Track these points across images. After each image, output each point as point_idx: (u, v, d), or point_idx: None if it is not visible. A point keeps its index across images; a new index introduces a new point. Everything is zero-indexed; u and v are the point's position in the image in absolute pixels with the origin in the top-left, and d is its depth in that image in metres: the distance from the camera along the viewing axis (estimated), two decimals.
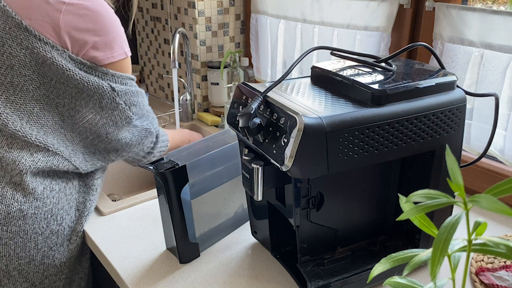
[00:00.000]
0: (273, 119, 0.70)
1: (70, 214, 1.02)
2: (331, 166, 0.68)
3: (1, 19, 0.90)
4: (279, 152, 0.67)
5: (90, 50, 0.94)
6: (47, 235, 0.97)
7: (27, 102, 0.93)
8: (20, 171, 0.93)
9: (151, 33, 1.96)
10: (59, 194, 1.00)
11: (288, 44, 1.53)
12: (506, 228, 1.02)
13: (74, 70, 0.92)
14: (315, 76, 0.83)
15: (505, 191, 0.40)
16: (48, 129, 0.96)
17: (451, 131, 0.76)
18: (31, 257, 0.96)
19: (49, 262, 0.99)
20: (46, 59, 0.91)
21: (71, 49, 0.93)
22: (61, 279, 1.02)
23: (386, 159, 0.72)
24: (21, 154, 0.94)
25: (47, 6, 0.91)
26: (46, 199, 0.97)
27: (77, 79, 0.93)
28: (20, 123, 0.93)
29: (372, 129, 0.68)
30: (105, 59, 0.96)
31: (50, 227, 0.98)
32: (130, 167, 1.55)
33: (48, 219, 0.97)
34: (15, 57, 0.91)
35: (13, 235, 0.93)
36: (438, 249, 0.40)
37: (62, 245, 1.01)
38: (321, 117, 0.66)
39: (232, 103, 0.82)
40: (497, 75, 1.01)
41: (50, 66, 0.91)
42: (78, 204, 1.04)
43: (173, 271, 0.90)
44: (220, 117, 1.66)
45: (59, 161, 0.98)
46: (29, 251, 0.96)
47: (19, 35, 0.90)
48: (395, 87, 0.71)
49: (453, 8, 1.05)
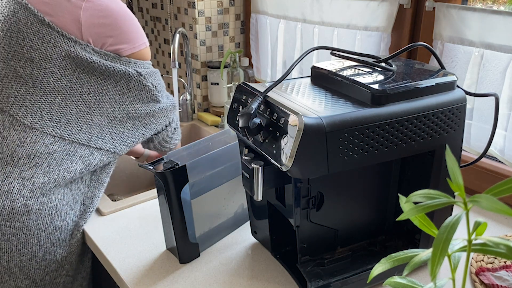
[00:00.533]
0: (273, 119, 0.70)
1: (75, 209, 1.03)
2: (331, 166, 0.68)
3: (23, 15, 0.94)
4: (279, 152, 0.67)
5: (113, 43, 0.99)
6: (51, 231, 0.98)
7: (47, 94, 0.95)
8: (35, 164, 0.94)
9: (151, 33, 1.96)
10: (65, 190, 1.00)
11: (288, 44, 1.53)
12: (506, 228, 1.02)
13: (99, 61, 0.97)
14: (315, 76, 0.83)
15: (505, 191, 0.40)
16: (72, 117, 0.98)
17: (451, 131, 0.76)
18: (33, 253, 0.96)
19: (51, 258, 0.99)
20: (70, 52, 0.95)
21: (93, 43, 0.97)
22: (61, 275, 1.02)
23: (386, 159, 0.72)
24: (35, 148, 0.95)
25: (68, 4, 0.96)
26: (52, 194, 0.97)
27: (102, 68, 0.98)
28: (40, 114, 0.95)
29: (372, 129, 0.68)
30: (128, 50, 1.01)
31: (54, 223, 0.98)
32: (130, 167, 1.55)
33: (52, 215, 0.97)
34: (35, 50, 0.94)
35: (16, 231, 0.94)
36: (438, 249, 0.40)
37: (65, 240, 1.01)
38: (321, 117, 0.66)
39: (232, 103, 0.82)
40: (497, 75, 1.01)
41: (74, 59, 0.95)
42: (85, 199, 1.05)
43: (173, 271, 0.90)
44: (220, 117, 1.66)
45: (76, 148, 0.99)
46: (31, 247, 0.96)
47: (41, 30, 0.94)
48: (395, 87, 0.71)
49: (453, 8, 1.05)
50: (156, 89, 1.08)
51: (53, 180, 0.97)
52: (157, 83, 1.10)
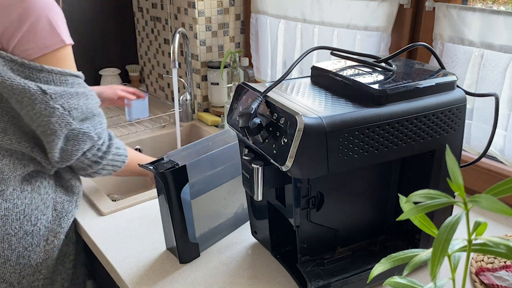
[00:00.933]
0: (273, 119, 0.70)
1: (47, 214, 1.00)
2: (331, 166, 0.68)
3: None
4: (279, 152, 0.67)
5: (20, 41, 0.81)
6: (21, 236, 0.95)
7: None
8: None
9: (151, 33, 1.96)
10: (32, 194, 0.97)
11: (288, 44, 1.53)
12: (506, 228, 1.02)
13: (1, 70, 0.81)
14: (315, 76, 0.83)
15: (505, 191, 0.40)
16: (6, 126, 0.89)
17: (451, 131, 0.76)
18: (5, 257, 0.94)
19: (25, 262, 0.97)
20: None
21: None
22: (39, 279, 1.00)
23: (386, 159, 0.72)
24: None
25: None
26: (16, 200, 0.95)
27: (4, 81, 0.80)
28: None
29: (372, 129, 0.68)
30: (37, 50, 0.83)
31: (24, 228, 0.96)
32: None
33: (21, 220, 0.95)
34: None
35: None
36: (438, 249, 0.40)
37: (38, 245, 0.98)
38: (321, 117, 0.66)
39: (232, 103, 0.82)
40: (497, 75, 1.01)
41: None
42: (55, 204, 1.02)
43: (173, 271, 0.90)
44: (220, 117, 1.66)
45: (23, 157, 0.93)
46: (3, 251, 0.94)
47: None
48: (395, 87, 0.71)
49: (453, 8, 1.05)
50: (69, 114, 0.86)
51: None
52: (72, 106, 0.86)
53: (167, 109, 1.79)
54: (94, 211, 1.12)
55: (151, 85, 2.09)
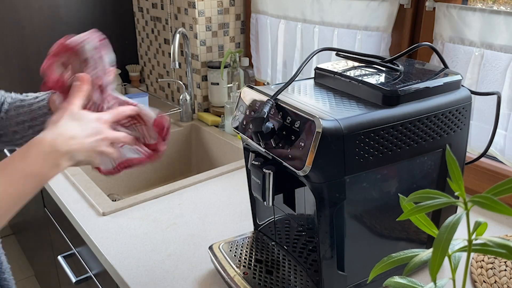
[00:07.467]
0: (287, 123, 0.68)
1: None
2: (348, 169, 0.67)
3: None
4: (296, 157, 0.65)
5: None
6: None
7: None
8: None
9: (151, 33, 1.96)
10: None
11: (288, 44, 1.53)
12: (506, 228, 1.02)
13: None
14: (319, 77, 0.83)
15: (505, 191, 0.40)
16: None
17: (458, 130, 0.76)
18: None
19: None
20: None
21: None
22: None
23: (398, 160, 0.72)
24: None
25: None
26: None
27: None
28: None
29: (387, 130, 0.68)
30: None
31: None
32: None
33: None
34: None
35: None
36: (438, 249, 0.40)
37: None
38: (338, 119, 0.64)
39: (237, 107, 0.81)
40: (498, 75, 1.01)
41: None
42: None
43: (173, 271, 0.90)
44: (220, 117, 1.66)
45: None
46: None
47: None
48: (406, 88, 0.71)
49: (453, 8, 1.05)
50: None
51: None
52: None
53: (167, 109, 1.79)
54: (94, 211, 1.12)
55: (151, 85, 2.09)
